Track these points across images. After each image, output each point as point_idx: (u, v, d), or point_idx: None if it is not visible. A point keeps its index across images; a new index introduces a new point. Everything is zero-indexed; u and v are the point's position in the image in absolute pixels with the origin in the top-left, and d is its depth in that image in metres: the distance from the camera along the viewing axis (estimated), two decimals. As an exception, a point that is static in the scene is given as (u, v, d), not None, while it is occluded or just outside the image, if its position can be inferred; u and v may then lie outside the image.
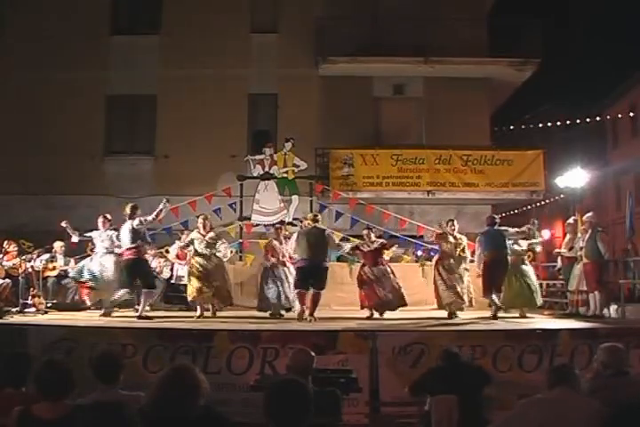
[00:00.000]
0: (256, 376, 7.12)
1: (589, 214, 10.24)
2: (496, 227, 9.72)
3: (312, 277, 9.08)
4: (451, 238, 9.65)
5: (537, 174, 14.92)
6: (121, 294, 9.25)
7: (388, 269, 9.63)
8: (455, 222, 9.89)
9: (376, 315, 9.41)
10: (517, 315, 9.69)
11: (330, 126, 15.29)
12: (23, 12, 15.75)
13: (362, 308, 9.55)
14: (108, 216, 10.06)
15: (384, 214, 13.03)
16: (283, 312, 9.80)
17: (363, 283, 9.50)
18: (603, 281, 9.86)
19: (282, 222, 10.27)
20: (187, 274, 9.86)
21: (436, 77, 15.72)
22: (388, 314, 9.41)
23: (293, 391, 2.91)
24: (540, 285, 10.85)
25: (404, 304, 9.54)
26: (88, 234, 10.04)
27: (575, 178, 17.66)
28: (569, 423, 3.65)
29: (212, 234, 9.70)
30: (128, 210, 9.17)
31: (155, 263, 10.85)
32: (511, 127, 23.05)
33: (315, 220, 9.49)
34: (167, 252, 11.29)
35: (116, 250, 9.72)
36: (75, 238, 10.17)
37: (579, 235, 10.19)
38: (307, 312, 8.99)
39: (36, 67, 15.33)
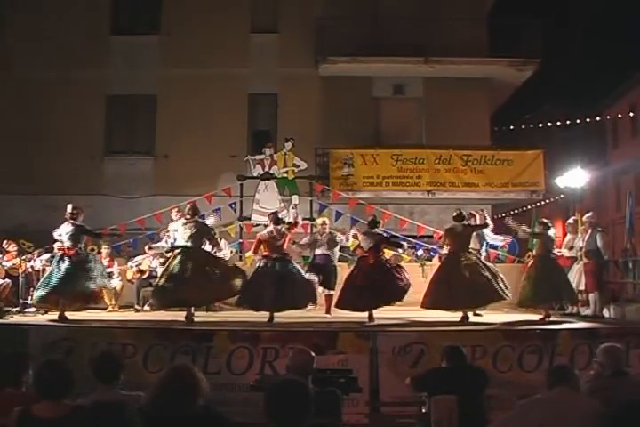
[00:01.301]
0: (256, 376, 7.12)
1: (589, 214, 10.24)
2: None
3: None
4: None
5: (537, 174, 14.92)
6: None
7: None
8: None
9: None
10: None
11: (330, 126, 15.29)
12: (23, 12, 15.74)
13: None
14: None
15: (384, 214, 13.03)
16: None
17: None
18: (602, 281, 9.87)
19: (275, 213, 9.94)
20: None
21: (436, 77, 15.71)
22: (388, 314, 9.36)
23: (293, 391, 2.92)
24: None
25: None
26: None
27: (575, 178, 17.65)
28: (569, 424, 3.65)
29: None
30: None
31: (155, 263, 10.85)
32: (511, 127, 23.03)
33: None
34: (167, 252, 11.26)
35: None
36: None
37: (579, 235, 10.19)
38: None
39: (35, 67, 15.32)
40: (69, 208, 9.03)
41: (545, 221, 9.80)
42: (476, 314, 9.31)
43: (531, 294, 9.18)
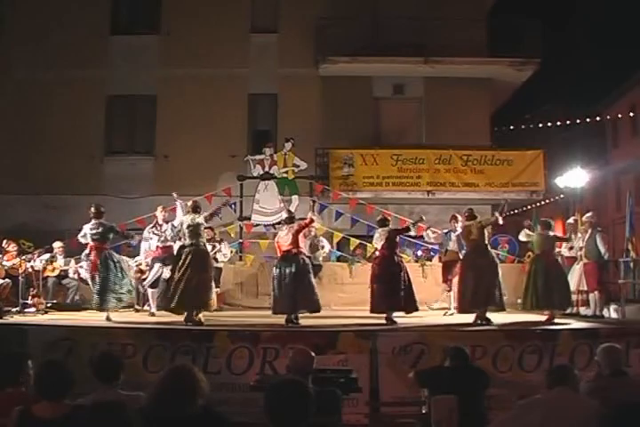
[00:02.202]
0: (256, 376, 7.11)
1: (589, 214, 10.24)
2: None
3: None
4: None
5: (537, 174, 14.92)
6: None
7: None
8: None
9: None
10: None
11: (330, 126, 15.28)
12: (23, 12, 15.73)
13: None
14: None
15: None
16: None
17: None
18: (602, 281, 9.87)
19: (289, 212, 9.94)
20: None
21: (436, 77, 15.71)
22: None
23: (293, 391, 2.91)
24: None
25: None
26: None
27: (575, 178, 17.64)
28: (568, 424, 3.65)
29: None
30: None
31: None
32: (511, 127, 23.01)
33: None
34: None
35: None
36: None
37: (579, 235, 10.19)
38: None
39: (35, 67, 15.32)
40: (94, 208, 9.05)
41: (545, 220, 9.79)
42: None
43: (530, 299, 9.18)
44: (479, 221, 9.21)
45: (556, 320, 9.05)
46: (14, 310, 9.62)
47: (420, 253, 13.20)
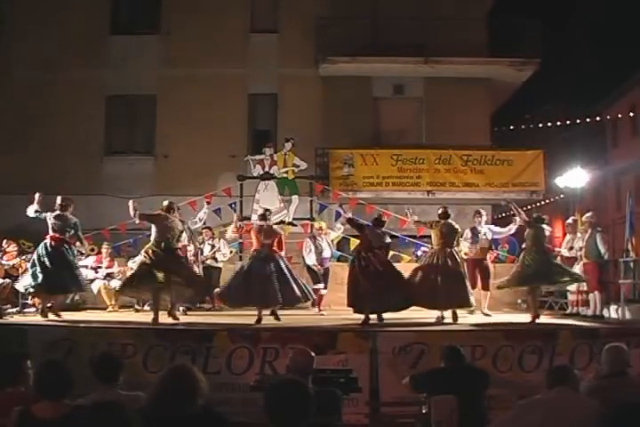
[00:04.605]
0: (256, 376, 7.12)
1: (589, 214, 10.24)
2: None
3: None
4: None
5: (537, 174, 14.92)
6: None
7: None
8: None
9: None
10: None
11: (330, 126, 15.28)
12: (23, 12, 15.73)
13: None
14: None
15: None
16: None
17: None
18: (602, 281, 9.86)
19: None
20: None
21: (436, 77, 15.71)
22: (388, 314, 9.32)
23: (293, 391, 2.92)
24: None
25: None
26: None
27: (575, 178, 17.65)
28: (568, 424, 3.65)
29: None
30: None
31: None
32: (511, 127, 23.01)
33: None
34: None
35: None
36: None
37: (578, 235, 10.19)
38: None
39: (35, 67, 15.32)
40: (59, 200, 9.11)
41: (539, 215, 9.75)
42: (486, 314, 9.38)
43: (516, 276, 9.14)
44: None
45: (556, 320, 9.06)
46: (14, 310, 9.62)
47: (419, 253, 13.17)
